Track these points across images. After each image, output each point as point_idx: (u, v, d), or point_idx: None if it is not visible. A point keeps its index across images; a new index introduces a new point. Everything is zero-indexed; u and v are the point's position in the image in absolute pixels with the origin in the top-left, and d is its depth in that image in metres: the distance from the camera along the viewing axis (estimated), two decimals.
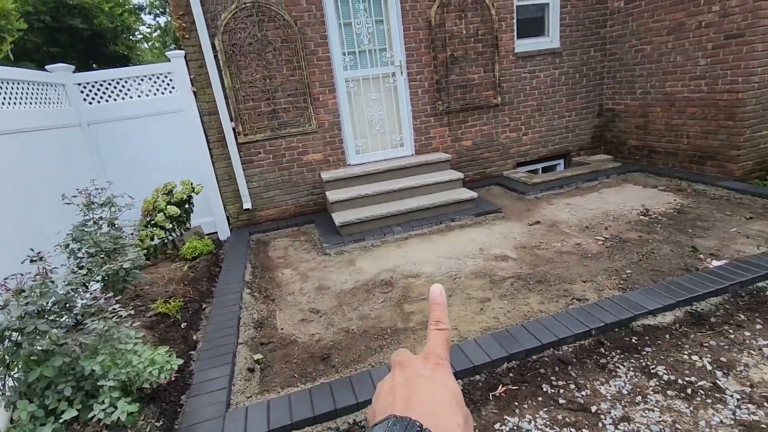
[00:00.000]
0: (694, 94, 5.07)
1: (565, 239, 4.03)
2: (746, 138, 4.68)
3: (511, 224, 4.59)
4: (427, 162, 5.40)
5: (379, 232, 4.62)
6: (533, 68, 5.94)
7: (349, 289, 3.59)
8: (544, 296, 3.09)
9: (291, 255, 4.49)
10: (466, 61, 5.58)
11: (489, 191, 5.84)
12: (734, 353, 2.29)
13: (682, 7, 5.01)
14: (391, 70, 5.45)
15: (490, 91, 5.80)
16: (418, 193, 5.12)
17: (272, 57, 4.94)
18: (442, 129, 5.79)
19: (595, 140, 6.59)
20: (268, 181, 5.33)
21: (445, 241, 4.33)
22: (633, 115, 5.98)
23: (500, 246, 4.05)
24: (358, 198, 4.94)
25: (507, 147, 6.17)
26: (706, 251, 3.45)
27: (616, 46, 6.02)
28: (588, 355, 2.41)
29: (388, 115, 5.62)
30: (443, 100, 5.63)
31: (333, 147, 5.44)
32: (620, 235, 3.97)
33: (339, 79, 5.26)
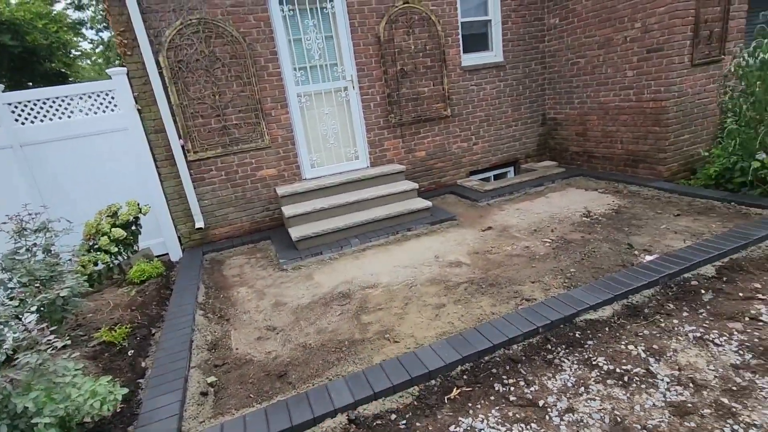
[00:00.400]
0: (625, 103, 5.50)
1: (515, 243, 4.21)
2: (671, 142, 5.11)
3: (464, 231, 4.74)
4: (382, 174, 5.49)
5: (337, 245, 4.62)
6: (480, 81, 6.22)
7: (307, 303, 3.56)
8: (495, 299, 3.21)
9: (247, 273, 4.39)
10: (415, 75, 5.76)
11: (444, 200, 6.00)
12: (664, 340, 2.48)
13: (609, 23, 5.45)
14: (343, 85, 5.53)
15: (441, 104, 6.00)
16: (375, 205, 5.18)
17: (221, 73, 4.88)
18: (396, 141, 5.92)
19: (541, 147, 6.96)
20: (221, 198, 5.21)
21: (402, 251, 4.40)
22: (573, 123, 6.38)
23: (455, 252, 4.17)
24: (315, 212, 4.93)
25: (459, 156, 6.38)
26: (640, 247, 3.72)
27: (554, 59, 6.43)
28: (536, 352, 2.52)
29: (342, 129, 5.68)
30: (395, 112, 5.77)
31: (287, 162, 5.41)
32: (565, 236, 4.20)
33: (291, 94, 5.27)
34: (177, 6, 4.57)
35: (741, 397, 2.02)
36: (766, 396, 2.00)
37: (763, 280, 2.97)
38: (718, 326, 2.54)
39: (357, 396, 2.25)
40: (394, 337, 2.88)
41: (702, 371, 2.21)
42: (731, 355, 2.29)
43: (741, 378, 2.13)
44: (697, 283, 3.02)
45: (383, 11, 5.40)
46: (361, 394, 2.26)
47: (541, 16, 6.37)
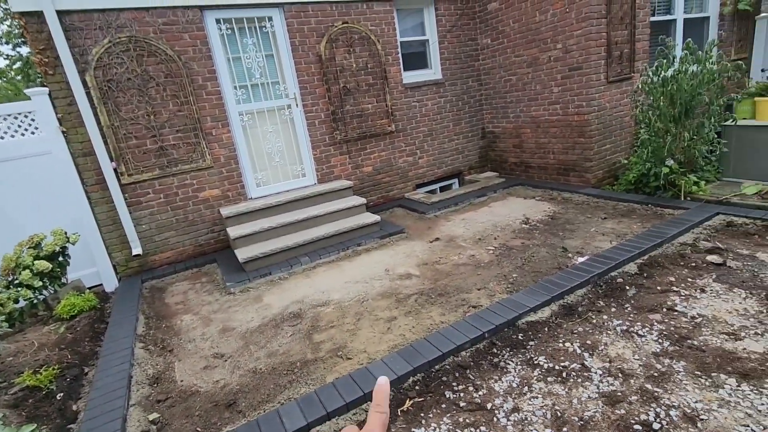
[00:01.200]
0: (553, 116, 5.95)
1: (461, 252, 4.37)
2: (595, 152, 5.59)
3: (413, 243, 4.85)
4: (329, 190, 5.50)
5: (287, 264, 4.55)
6: (421, 97, 6.46)
7: (256, 326, 3.46)
8: (444, 308, 3.31)
9: (191, 299, 4.19)
10: (359, 92, 5.87)
11: (392, 213, 6.11)
12: (596, 335, 2.69)
13: (534, 44, 5.90)
14: (286, 103, 5.52)
15: (385, 120, 6.15)
16: (324, 222, 5.17)
17: (156, 92, 4.70)
18: (343, 157, 5.97)
19: (482, 159, 7.32)
20: (160, 222, 4.95)
21: (353, 266, 4.41)
22: (510, 136, 6.79)
23: (404, 265, 4.25)
24: (262, 231, 4.83)
25: (405, 170, 6.55)
26: (574, 250, 4.01)
27: (489, 77, 6.83)
28: (483, 357, 2.63)
29: (287, 147, 5.64)
30: (340, 129, 5.83)
31: (231, 181, 5.27)
32: (507, 243, 4.43)
33: (232, 113, 5.17)
34: (104, 24, 4.36)
35: (662, 382, 2.23)
36: (681, 378, 2.23)
37: (676, 273, 3.31)
38: (641, 318, 2.79)
39: (309, 418, 2.22)
40: (347, 354, 2.88)
41: (629, 361, 2.41)
42: (652, 344, 2.52)
43: (661, 364, 2.35)
44: (622, 280, 3.30)
45: (323, 31, 5.48)
46: (314, 415, 2.23)
47: (474, 37, 6.77)
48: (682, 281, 3.18)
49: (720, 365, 2.28)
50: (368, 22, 5.79)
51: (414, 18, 6.41)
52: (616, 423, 2.01)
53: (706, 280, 3.14)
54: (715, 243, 3.69)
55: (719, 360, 2.31)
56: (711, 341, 2.48)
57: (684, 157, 4.86)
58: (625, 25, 5.44)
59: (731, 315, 2.69)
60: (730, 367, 2.25)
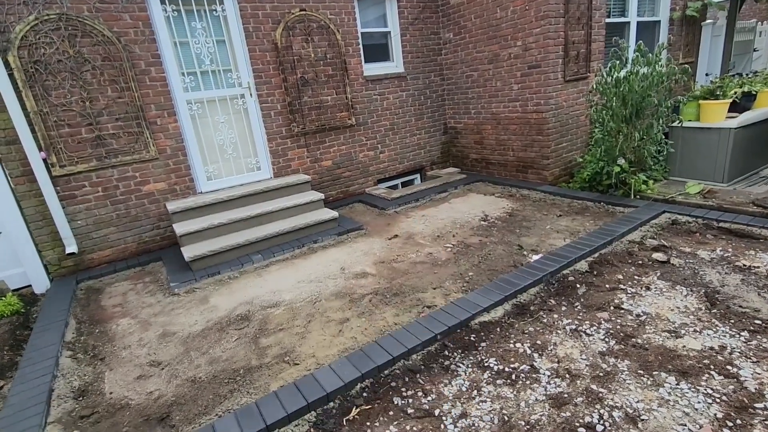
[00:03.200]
0: (513, 113, 5.98)
1: (419, 250, 4.31)
2: (552, 150, 5.67)
3: (372, 240, 4.74)
4: (286, 185, 5.28)
5: (237, 263, 4.32)
6: (383, 90, 6.33)
7: (200, 331, 3.24)
8: (399, 308, 3.23)
9: (131, 301, 3.90)
10: (317, 83, 5.67)
11: (352, 209, 5.97)
12: (546, 335, 2.68)
13: (495, 41, 5.89)
14: (240, 92, 5.23)
15: (345, 112, 5.98)
16: (279, 217, 4.96)
17: (92, 77, 4.31)
18: (300, 150, 5.76)
19: (444, 155, 7.30)
20: (99, 217, 4.58)
21: (308, 265, 4.25)
22: (471, 132, 6.79)
23: (361, 263, 4.14)
24: (212, 228, 4.57)
25: (366, 165, 6.41)
26: (529, 248, 4.03)
27: (451, 71, 6.79)
28: (434, 360, 2.56)
29: (241, 138, 5.37)
30: (298, 121, 5.61)
31: (179, 174, 4.95)
32: (465, 240, 4.40)
33: (179, 101, 4.84)
34: None
35: (606, 382, 2.24)
36: (625, 378, 2.25)
37: (624, 271, 3.38)
38: (589, 317, 2.82)
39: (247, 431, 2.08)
40: (294, 359, 2.74)
41: (576, 361, 2.42)
42: (599, 344, 2.54)
43: (606, 364, 2.37)
44: (573, 278, 3.34)
45: (279, 17, 5.23)
46: (252, 428, 2.09)
47: (437, 31, 6.69)
48: (629, 279, 3.25)
49: (661, 363, 2.32)
50: (327, 10, 5.58)
51: (376, 9, 6.25)
52: (562, 426, 1.99)
53: (651, 278, 3.22)
54: (661, 241, 3.80)
55: (660, 358, 2.36)
56: (654, 339, 2.52)
57: (634, 157, 5.00)
58: (582, 25, 5.52)
59: (673, 312, 2.76)
60: (670, 365, 2.29)
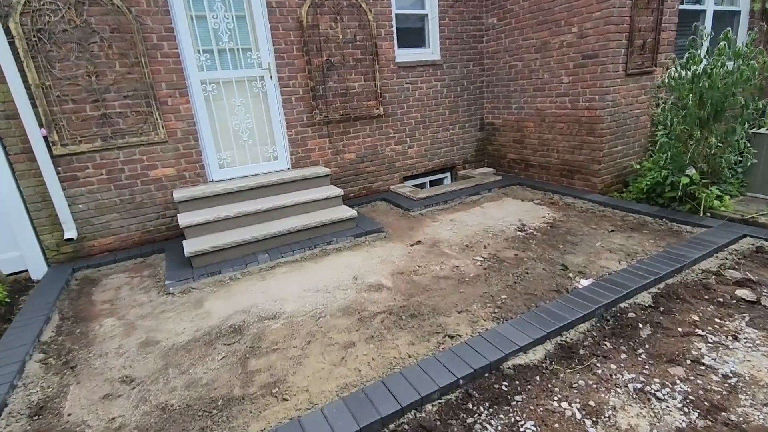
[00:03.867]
0: (561, 110, 5.28)
1: (444, 261, 3.75)
2: (605, 153, 4.95)
3: (392, 245, 4.22)
4: (303, 177, 4.83)
5: (241, 262, 3.91)
6: (415, 79, 5.76)
7: (185, 342, 2.83)
8: (415, 334, 2.70)
9: (123, 298, 3.56)
10: (344, 67, 5.16)
11: (374, 207, 5.46)
12: (602, 393, 2.09)
13: (546, 26, 5.19)
14: (259, 74, 4.80)
15: (372, 101, 5.46)
16: (292, 213, 4.52)
17: (99, 49, 3.97)
18: (322, 140, 5.28)
19: (479, 153, 6.66)
20: (101, 202, 4.28)
21: (318, 269, 3.79)
22: (510, 129, 6.12)
23: (377, 272, 3.63)
24: (218, 221, 4.18)
25: (393, 160, 5.88)
26: (575, 269, 3.40)
27: (493, 61, 6.13)
28: (454, 414, 2.03)
29: (258, 124, 4.95)
30: (321, 108, 5.13)
31: (189, 160, 4.59)
32: (498, 254, 3.81)
33: (193, 81, 4.46)
34: None
35: None
36: None
37: (700, 310, 2.71)
38: (659, 372, 2.20)
39: None
40: (284, 393, 2.27)
41: None
42: (676, 415, 1.93)
43: None
44: (634, 315, 2.70)
45: None
46: None
47: (479, 15, 6.04)
48: (708, 322, 2.59)
49: None
50: None
51: None
52: None
53: (738, 323, 2.54)
54: (745, 273, 3.09)
55: None
56: (753, 416, 1.89)
57: (708, 167, 4.23)
58: (651, 10, 4.74)
59: None
60: None
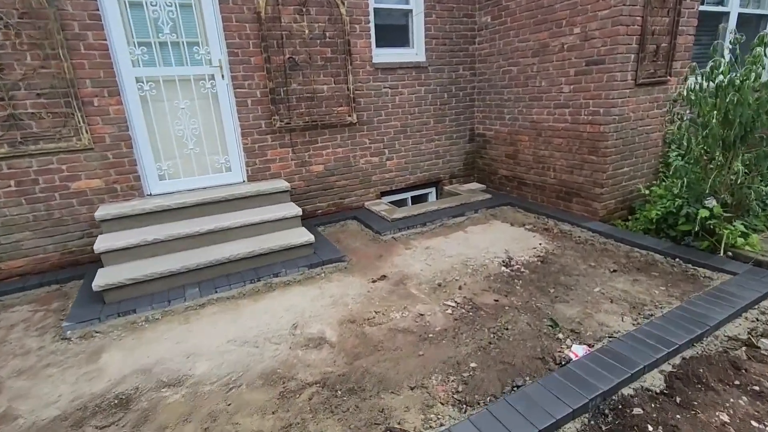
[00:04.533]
0: (559, 123, 4.60)
1: (408, 306, 3.08)
2: (608, 175, 4.26)
3: (351, 280, 3.54)
4: (258, 192, 4.16)
5: (165, 298, 3.24)
6: (396, 83, 5.09)
7: (49, 420, 2.16)
8: (347, 425, 2.02)
9: (10, 341, 2.88)
10: (310, 67, 4.50)
11: (343, 228, 4.79)
12: None
13: (545, 26, 4.52)
14: (208, 72, 4.14)
15: (344, 107, 4.79)
16: (239, 236, 3.85)
17: (4, 37, 3.32)
18: (284, 150, 4.62)
19: (468, 168, 5.98)
20: (9, 219, 3.62)
21: (254, 311, 3.11)
22: (503, 142, 5.44)
23: (323, 319, 2.95)
24: (145, 245, 3.51)
25: (368, 173, 5.21)
26: (567, 325, 2.72)
27: (485, 65, 5.45)
28: None
29: (207, 131, 4.28)
30: (282, 114, 4.47)
31: (121, 171, 3.93)
32: (475, 298, 3.13)
33: (126, 78, 3.80)
34: None
35: None
36: None
37: (729, 404, 2.02)
38: None
39: None
40: None
41: None
42: None
43: None
44: (641, 410, 2.01)
45: None
46: None
47: (471, 13, 5.37)
48: (742, 422, 1.90)
49: None
50: None
51: None
52: None
53: None
54: None
55: None
56: None
57: (732, 198, 3.55)
58: (667, 10, 4.06)
59: None
60: None
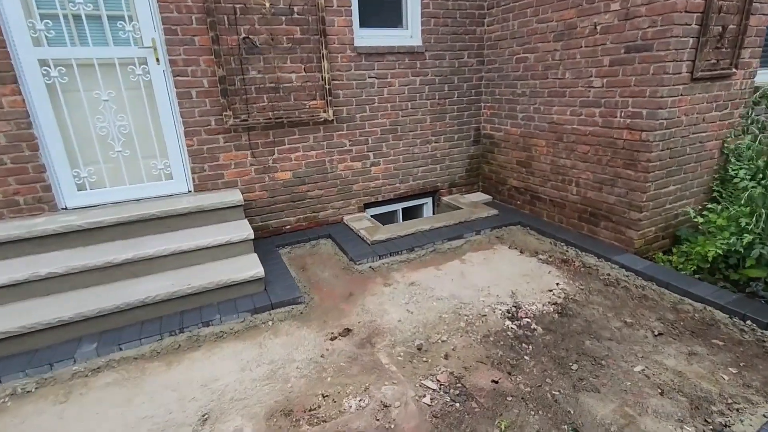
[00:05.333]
0: (587, 126, 3.63)
1: (371, 387, 2.20)
2: (650, 196, 3.29)
3: (304, 334, 2.68)
4: (199, 208, 3.30)
5: (48, 358, 2.41)
6: (384, 72, 4.15)
7: None
8: None
9: None
10: (274, 50, 3.59)
11: (314, 250, 3.92)
12: None
13: (573, 1, 3.52)
14: (138, 54, 3.26)
15: (318, 101, 3.88)
16: (167, 267, 3.01)
17: None
18: (240, 153, 3.74)
19: (471, 175, 5.03)
20: None
21: (161, 385, 2.27)
22: (514, 146, 4.48)
23: (248, 407, 2.09)
24: (37, 281, 2.68)
25: (348, 182, 4.30)
26: None
27: (495, 51, 4.47)
28: None
29: (140, 129, 3.42)
30: (237, 108, 3.58)
31: (23, 179, 3.09)
32: (466, 377, 2.24)
33: (25, 60, 2.94)
34: None
35: None
36: None
37: None
38: None
39: None
40: None
41: None
42: None
43: None
44: None
45: None
46: None
47: None
48: None
49: None
50: None
51: None
52: None
53: None
54: None
55: None
56: None
57: None
58: None
59: None
60: None
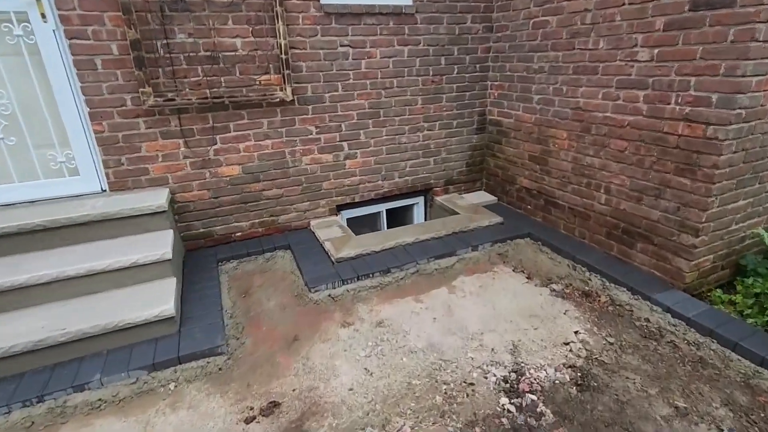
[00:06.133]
0: (625, 115, 2.69)
1: None
2: (712, 214, 2.38)
3: (213, 407, 1.90)
4: (104, 216, 2.51)
5: None
6: (361, 38, 3.23)
7: None
8: None
9: None
10: (208, 7, 2.70)
11: (267, 265, 3.12)
12: None
13: None
14: (16, 8, 2.41)
15: (272, 75, 3.00)
16: (51, 298, 2.24)
17: None
18: (171, 142, 2.91)
19: (473, 170, 4.13)
20: None
21: None
22: (527, 136, 3.55)
23: None
24: None
25: (316, 178, 3.46)
26: None
27: (507, 14, 3.50)
28: None
29: (29, 109, 2.60)
30: (161, 84, 2.73)
31: None
32: None
33: None
34: None
35: None
36: None
37: None
38: None
39: None
40: None
41: None
42: None
43: None
44: None
45: None
46: None
47: None
48: None
49: None
50: None
51: None
52: None
53: None
54: None
55: None
56: None
57: None
58: None
59: None
60: None
